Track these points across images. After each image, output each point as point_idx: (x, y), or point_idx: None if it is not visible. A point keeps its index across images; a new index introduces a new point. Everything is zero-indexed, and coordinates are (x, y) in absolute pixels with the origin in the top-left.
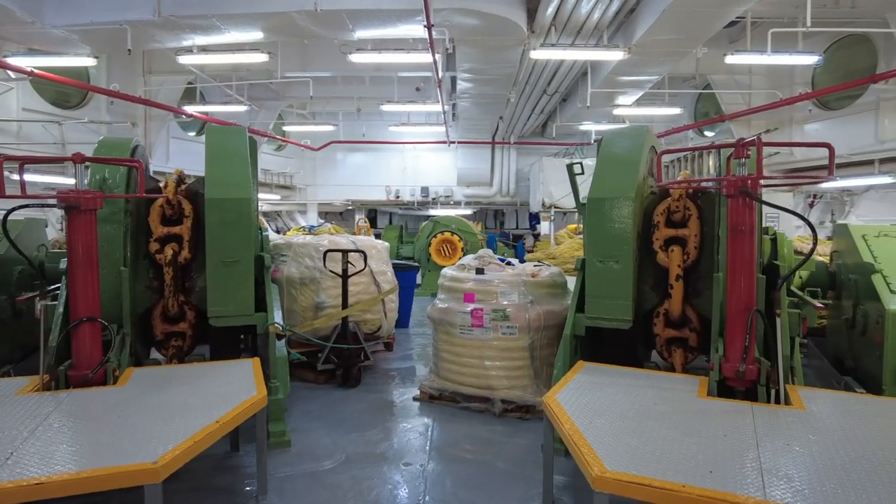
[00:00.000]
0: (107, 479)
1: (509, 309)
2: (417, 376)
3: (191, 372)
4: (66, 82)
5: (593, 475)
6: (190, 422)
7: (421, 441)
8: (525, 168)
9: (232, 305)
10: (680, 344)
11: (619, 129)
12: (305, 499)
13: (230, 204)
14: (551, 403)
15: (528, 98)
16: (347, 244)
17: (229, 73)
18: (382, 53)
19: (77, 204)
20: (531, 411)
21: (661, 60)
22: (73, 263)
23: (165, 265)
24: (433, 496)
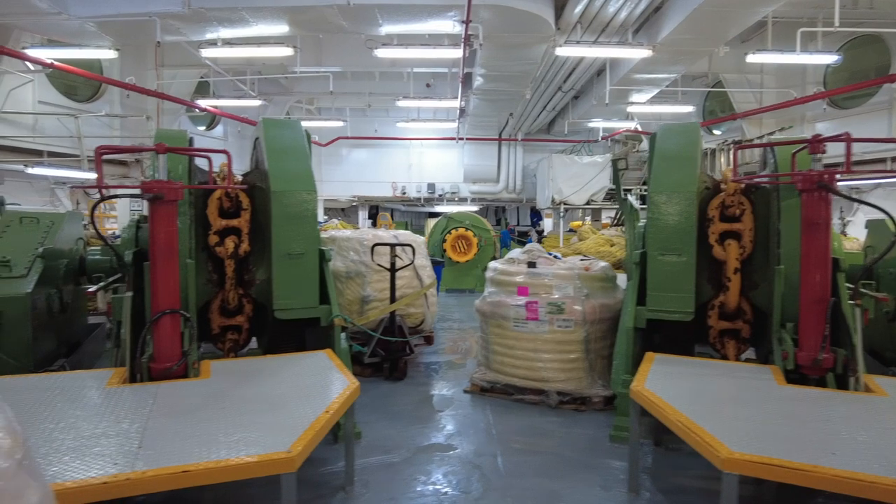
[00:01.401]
0: (246, 468)
1: (565, 302)
2: (459, 369)
3: (268, 365)
4: (86, 75)
5: (722, 457)
6: (299, 412)
7: (484, 433)
8: (531, 165)
9: (297, 298)
10: (732, 335)
11: (671, 126)
12: (389, 490)
13: (295, 197)
14: (644, 392)
15: (542, 95)
16: (390, 238)
17: (243, 68)
18: (409, 49)
19: (161, 194)
20: (587, 403)
21: (683, 59)
22: (154, 255)
23: (227, 258)
24: (517, 486)
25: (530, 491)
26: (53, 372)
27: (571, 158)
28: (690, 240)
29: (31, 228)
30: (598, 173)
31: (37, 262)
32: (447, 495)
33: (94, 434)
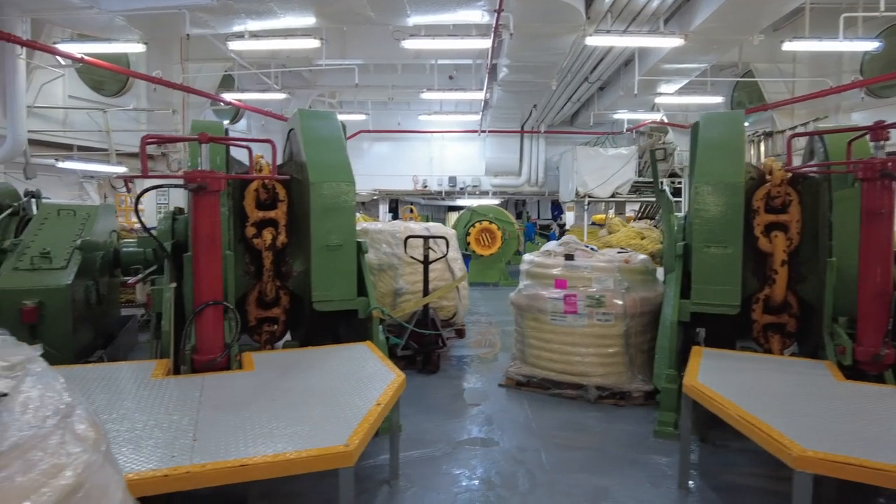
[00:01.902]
0: (304, 463)
1: (605, 295)
2: (490, 362)
3: (311, 357)
4: (116, 70)
5: (794, 455)
6: (350, 405)
7: (524, 427)
8: (554, 157)
9: (335, 290)
10: (777, 330)
11: (714, 114)
12: (433, 484)
13: (333, 188)
14: (699, 387)
15: (567, 86)
16: (422, 231)
17: (267, 61)
18: (436, 39)
19: (205, 184)
20: (626, 398)
21: (715, 48)
22: (197, 246)
23: (265, 249)
24: (563, 482)
25: (578, 487)
26: (93, 363)
27: (596, 150)
28: (737, 232)
29: (69, 221)
30: (623, 166)
31: (75, 254)
32: (494, 491)
33: (148, 425)
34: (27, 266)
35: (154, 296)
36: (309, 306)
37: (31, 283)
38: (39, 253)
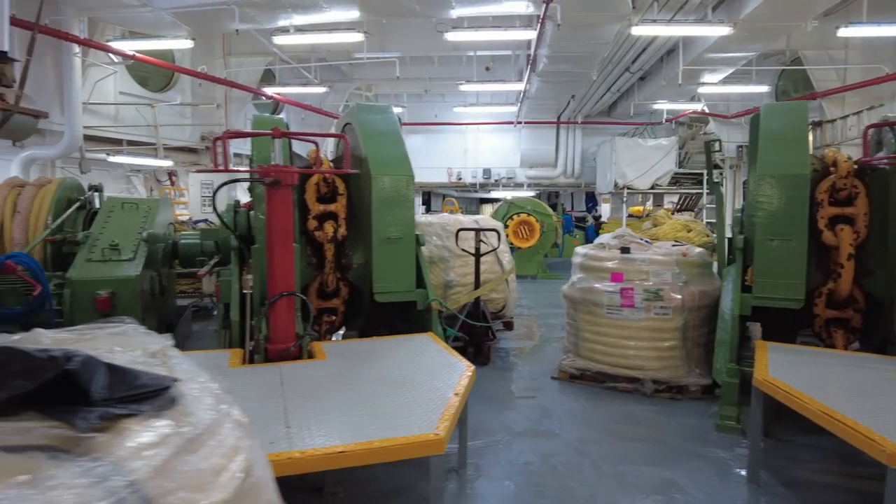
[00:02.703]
0: (398, 450)
1: (663, 289)
2: (539, 355)
3: (378, 346)
4: (166, 66)
5: (889, 452)
6: (428, 395)
7: (582, 419)
8: (590, 149)
9: (396, 282)
10: (840, 325)
11: (775, 105)
12: (501, 473)
13: (394, 182)
14: (772, 381)
15: (608, 76)
16: (471, 223)
17: (307, 55)
18: (480, 31)
19: (280, 179)
20: (683, 391)
21: (763, 36)
22: (271, 238)
23: (327, 242)
24: (630, 473)
25: (645, 479)
26: None
27: (635, 141)
28: (802, 224)
29: (132, 214)
30: (664, 157)
31: (141, 246)
32: (562, 482)
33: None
34: (99, 257)
35: (223, 287)
36: (368, 297)
37: (103, 274)
38: (109, 245)
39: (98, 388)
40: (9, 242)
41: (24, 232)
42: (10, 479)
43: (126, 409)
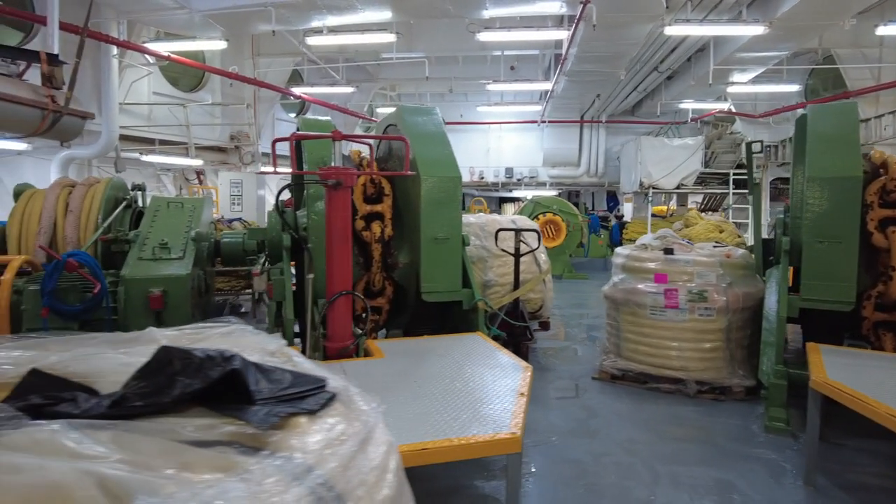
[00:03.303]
0: (478, 448)
1: (707, 290)
2: (576, 355)
3: (431, 345)
4: (200, 67)
5: None
6: (493, 393)
7: (629, 420)
8: (614, 148)
9: (442, 282)
10: (889, 328)
11: (824, 106)
12: (554, 472)
13: (442, 182)
14: (833, 384)
15: (635, 75)
16: (508, 223)
17: (335, 55)
18: (512, 31)
19: (341, 181)
20: (726, 392)
21: (798, 35)
22: (331, 239)
23: (374, 242)
24: (684, 475)
25: (700, 479)
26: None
27: (661, 141)
28: (853, 227)
29: (178, 213)
30: (690, 156)
31: (190, 245)
32: (618, 482)
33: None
34: (150, 256)
35: (276, 285)
36: (414, 296)
37: (155, 272)
38: (159, 244)
39: (258, 387)
40: (62, 241)
41: (76, 230)
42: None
43: (294, 407)
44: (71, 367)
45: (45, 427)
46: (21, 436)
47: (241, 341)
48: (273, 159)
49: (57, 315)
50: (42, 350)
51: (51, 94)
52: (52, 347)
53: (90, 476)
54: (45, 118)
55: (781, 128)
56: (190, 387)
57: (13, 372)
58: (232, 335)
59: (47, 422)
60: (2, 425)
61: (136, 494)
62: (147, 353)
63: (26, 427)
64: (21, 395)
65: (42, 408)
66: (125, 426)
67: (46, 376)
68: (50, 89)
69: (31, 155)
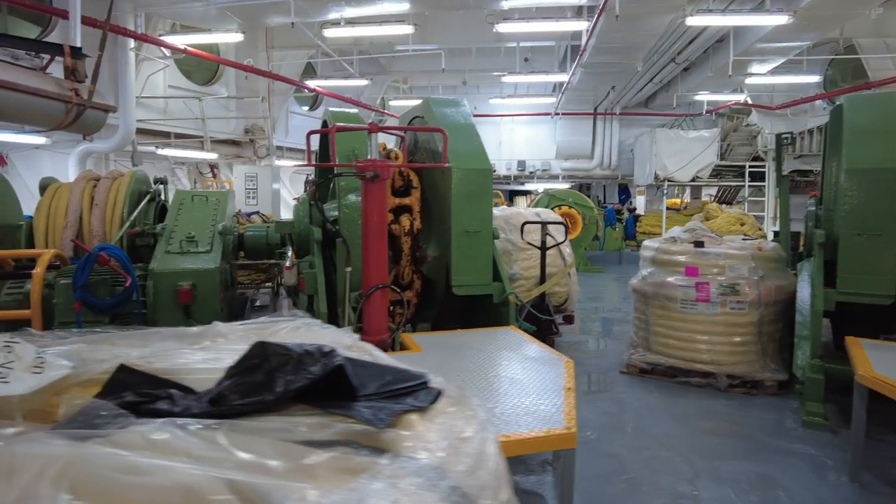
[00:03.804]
0: (534, 443)
1: (739, 283)
2: (601, 348)
3: (466, 339)
4: (217, 60)
5: None
6: (539, 388)
7: (662, 414)
8: (627, 140)
9: (473, 275)
10: None
11: (860, 96)
12: (592, 466)
13: (473, 175)
14: (883, 379)
15: (651, 67)
16: (533, 216)
17: (349, 48)
18: (531, 23)
19: (379, 173)
20: (758, 386)
21: (821, 25)
22: (367, 232)
23: (403, 235)
24: (724, 469)
25: (741, 474)
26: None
27: (676, 133)
28: (893, 218)
29: (202, 206)
30: (705, 149)
31: (217, 238)
32: (658, 476)
33: None
34: (177, 250)
35: (308, 279)
36: (443, 290)
37: (184, 266)
38: (186, 237)
39: (361, 384)
40: (88, 234)
41: (101, 224)
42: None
43: (406, 404)
44: (155, 364)
45: (153, 425)
46: (132, 435)
47: (313, 336)
48: (308, 153)
49: (88, 308)
50: (109, 344)
51: (74, 87)
52: (120, 342)
53: (218, 480)
54: (68, 111)
55: (799, 119)
56: (293, 384)
57: (97, 368)
58: (300, 329)
59: (153, 420)
60: (107, 423)
61: (281, 501)
62: (224, 347)
63: (134, 426)
64: (114, 392)
65: (138, 405)
66: (231, 425)
67: (137, 373)
68: (73, 82)
69: (48, 149)
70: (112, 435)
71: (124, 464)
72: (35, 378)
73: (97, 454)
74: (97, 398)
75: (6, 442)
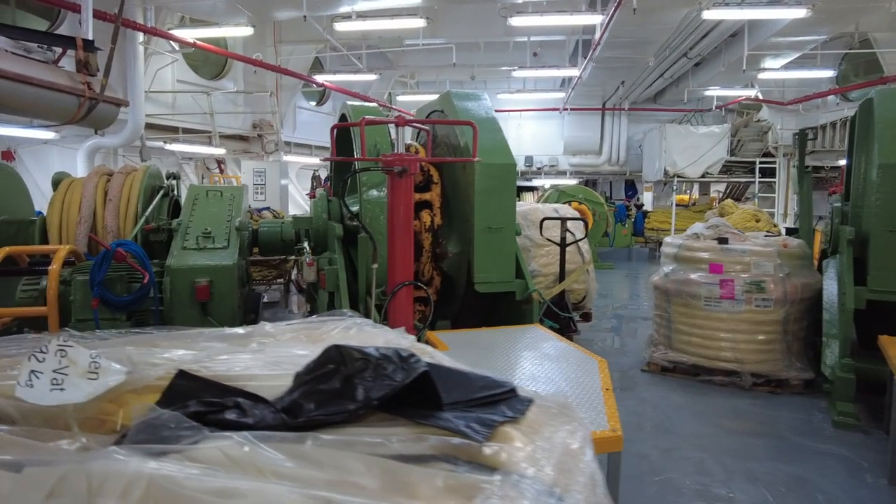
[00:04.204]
0: None
1: (765, 281)
2: (618, 346)
3: (493, 337)
4: (227, 54)
5: None
6: (576, 389)
7: (689, 413)
8: (636, 136)
9: (496, 272)
10: None
11: (890, 90)
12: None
13: (497, 170)
14: None
15: (663, 61)
16: (551, 212)
17: (358, 42)
18: (545, 16)
19: (407, 168)
20: (783, 385)
21: (839, 18)
22: (393, 228)
23: (423, 231)
24: (758, 470)
25: (775, 475)
26: None
27: (686, 128)
28: None
29: (217, 201)
30: (715, 144)
31: (233, 234)
32: (693, 478)
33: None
34: (193, 246)
35: (329, 275)
36: (464, 287)
37: (201, 262)
38: (202, 233)
39: (444, 391)
40: (102, 230)
41: (115, 219)
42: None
43: (501, 413)
44: (212, 368)
45: (231, 440)
46: (209, 450)
47: (366, 337)
48: (332, 147)
49: (105, 306)
50: (152, 346)
51: (87, 80)
52: (164, 343)
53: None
54: (81, 105)
55: (811, 115)
56: (375, 391)
57: (152, 373)
58: (352, 330)
59: (228, 433)
60: (178, 436)
61: None
62: (280, 351)
63: (208, 439)
64: (175, 401)
65: (204, 415)
66: (315, 439)
67: (197, 379)
68: (86, 76)
69: (56, 144)
70: (187, 451)
71: (213, 485)
72: (91, 385)
73: (182, 474)
74: (159, 406)
75: (77, 459)
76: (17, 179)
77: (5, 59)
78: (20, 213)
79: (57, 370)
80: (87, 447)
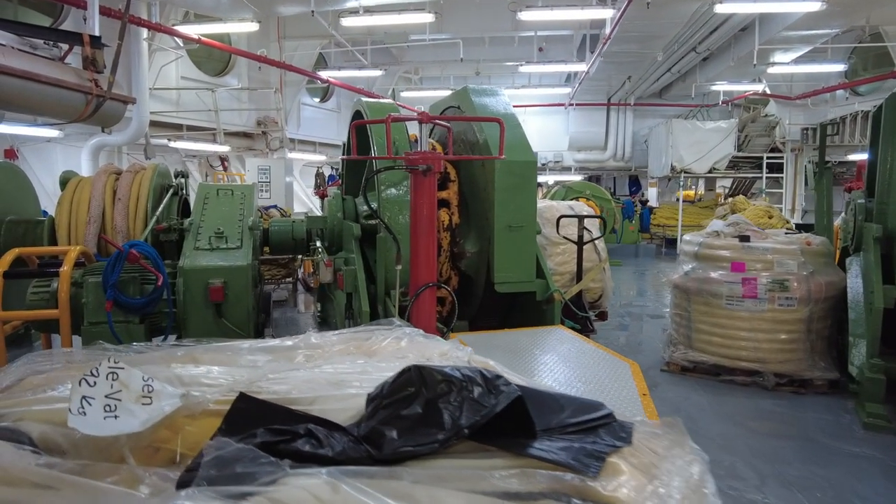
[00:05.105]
0: None
1: (788, 279)
2: (633, 345)
3: (516, 339)
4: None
5: None
6: (613, 394)
7: (714, 414)
8: (641, 131)
9: (516, 271)
10: None
11: None
12: None
13: (517, 167)
14: None
15: (671, 56)
16: (566, 209)
17: (363, 38)
18: (555, 10)
19: (431, 166)
20: (806, 385)
21: (851, 11)
22: (416, 227)
23: (441, 230)
24: (791, 475)
25: (810, 479)
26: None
27: (693, 124)
28: None
29: (228, 200)
30: (722, 140)
31: (246, 234)
32: (723, 481)
33: None
34: (206, 246)
35: (347, 276)
36: (483, 287)
37: (214, 262)
38: (214, 233)
39: (535, 416)
40: (111, 230)
41: (125, 219)
42: None
43: (605, 443)
44: (270, 388)
45: (317, 478)
46: (296, 490)
47: (420, 348)
48: (354, 145)
49: (118, 308)
50: (192, 360)
51: (94, 77)
52: (204, 357)
53: None
54: (88, 103)
55: (819, 109)
56: (466, 419)
57: (208, 395)
58: (403, 341)
59: (311, 468)
60: (257, 474)
61: None
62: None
63: (290, 477)
64: (240, 428)
65: (275, 445)
66: (410, 475)
67: (259, 402)
68: (92, 73)
69: (60, 142)
70: (269, 492)
71: None
72: (146, 411)
73: None
74: (222, 435)
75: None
76: (24, 178)
77: (12, 56)
78: (26, 212)
79: (109, 395)
80: (154, 487)
